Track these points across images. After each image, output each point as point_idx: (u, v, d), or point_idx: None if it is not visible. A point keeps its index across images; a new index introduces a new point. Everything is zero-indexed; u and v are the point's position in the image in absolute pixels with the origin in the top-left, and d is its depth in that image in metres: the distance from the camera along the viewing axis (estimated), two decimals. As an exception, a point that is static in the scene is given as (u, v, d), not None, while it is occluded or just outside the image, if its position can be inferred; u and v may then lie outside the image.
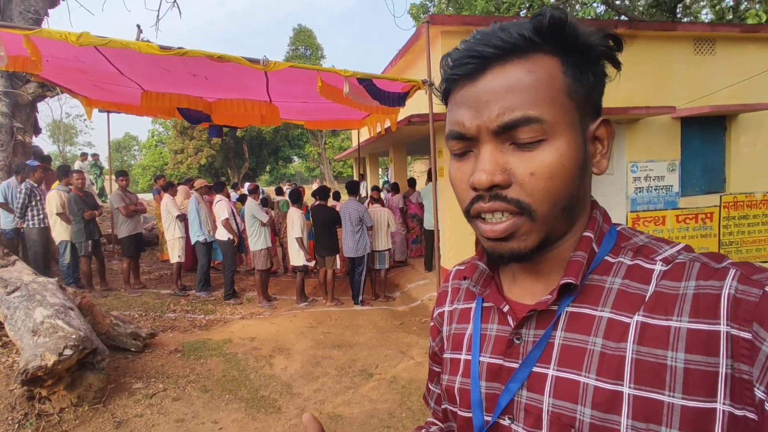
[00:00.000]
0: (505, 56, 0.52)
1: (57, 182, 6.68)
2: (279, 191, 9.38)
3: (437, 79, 0.61)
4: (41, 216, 6.23)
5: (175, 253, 6.90)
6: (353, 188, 6.73)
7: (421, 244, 9.12)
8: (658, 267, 0.53)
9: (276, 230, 8.22)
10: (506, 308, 0.61)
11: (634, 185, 6.95)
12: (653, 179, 7.01)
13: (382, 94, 5.06)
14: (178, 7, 7.59)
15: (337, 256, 6.80)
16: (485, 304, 0.66)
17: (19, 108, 7.13)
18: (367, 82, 4.88)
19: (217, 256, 7.62)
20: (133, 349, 4.51)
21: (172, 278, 7.17)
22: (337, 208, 7.20)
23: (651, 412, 0.48)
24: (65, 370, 3.20)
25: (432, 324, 0.79)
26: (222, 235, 6.67)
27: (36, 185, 6.21)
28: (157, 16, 7.72)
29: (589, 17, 11.47)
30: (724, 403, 0.45)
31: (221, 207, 6.66)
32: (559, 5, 0.52)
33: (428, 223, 7.85)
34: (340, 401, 3.88)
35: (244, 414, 3.63)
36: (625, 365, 0.50)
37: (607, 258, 0.57)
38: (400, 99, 5.31)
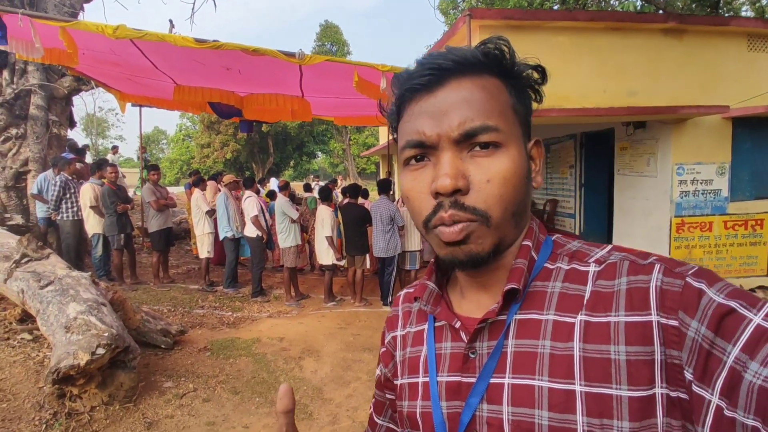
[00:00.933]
0: (461, 71, 0.57)
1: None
2: (307, 188, 9.29)
3: None
4: (75, 209, 6.27)
5: (204, 248, 6.88)
6: (385, 187, 6.57)
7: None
8: (592, 268, 0.57)
9: (304, 227, 8.12)
10: (458, 324, 0.62)
11: (680, 188, 6.57)
12: (700, 182, 6.62)
13: (419, 89, 4.88)
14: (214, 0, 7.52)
15: (367, 256, 6.66)
16: (437, 324, 0.67)
17: (54, 101, 7.21)
18: (404, 78, 4.70)
19: (245, 252, 7.57)
20: (163, 346, 4.45)
21: (200, 273, 7.16)
22: (367, 207, 7.06)
23: (603, 407, 0.50)
24: (97, 368, 3.13)
25: (384, 349, 0.78)
26: (250, 231, 6.61)
27: (70, 178, 6.25)
28: (192, 8, 7.67)
29: (629, 11, 11.01)
30: (661, 387, 0.48)
31: (250, 203, 6.59)
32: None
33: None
34: (373, 409, 3.73)
35: (275, 419, 3.51)
36: (575, 364, 0.52)
37: (546, 265, 0.60)
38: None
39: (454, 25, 6.24)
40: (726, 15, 13.73)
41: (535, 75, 0.61)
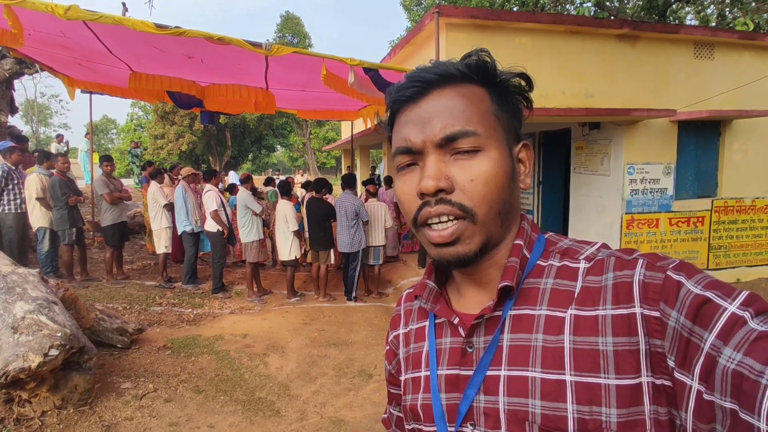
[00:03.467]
0: (443, 82, 0.61)
1: (35, 166, 6.31)
2: (268, 181, 9.10)
3: None
4: (18, 201, 5.86)
5: (161, 243, 6.61)
6: (349, 182, 6.54)
7: (414, 239, 8.99)
8: (582, 265, 0.60)
9: (265, 222, 7.96)
10: (456, 320, 0.65)
11: (630, 187, 6.92)
12: (649, 182, 7.00)
13: (387, 85, 4.87)
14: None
15: (332, 251, 6.61)
16: (438, 321, 0.70)
17: (-6, 85, 6.69)
18: (373, 73, 4.69)
19: (204, 247, 7.34)
20: (119, 346, 4.26)
21: (157, 269, 6.89)
22: (330, 201, 7.00)
23: (592, 395, 0.52)
24: (49, 371, 2.95)
25: (387, 348, 0.82)
26: (211, 226, 6.41)
27: (13, 167, 5.83)
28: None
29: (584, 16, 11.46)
30: (647, 376, 0.51)
31: (210, 197, 6.38)
32: (484, 58, 0.63)
33: (423, 219, 7.71)
34: (341, 404, 3.73)
35: (241, 417, 3.44)
36: (565, 355, 0.55)
37: (539, 262, 0.63)
38: (404, 91, 5.13)
39: (420, 22, 6.27)
40: (673, 23, 14.54)
41: (522, 83, 0.64)
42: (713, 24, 13.90)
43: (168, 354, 4.37)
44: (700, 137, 7.20)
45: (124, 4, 7.85)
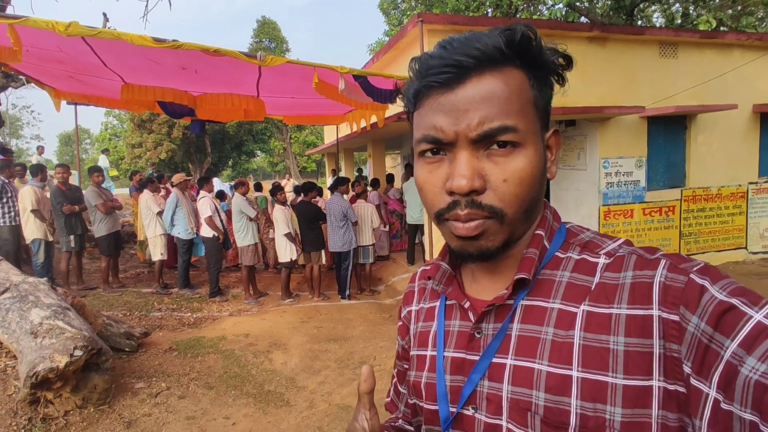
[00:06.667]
0: (482, 67, 0.55)
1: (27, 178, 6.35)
2: (258, 187, 9.25)
3: None
4: (12, 213, 5.91)
5: (156, 250, 6.72)
6: (337, 185, 6.77)
7: (402, 238, 9.26)
8: (602, 260, 0.58)
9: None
10: (467, 304, 0.65)
11: (606, 180, 7.32)
12: (623, 174, 7.41)
13: (375, 90, 5.13)
14: (167, -3, 7.23)
15: (323, 252, 6.82)
16: (448, 302, 0.70)
17: (-20, 99, 6.70)
18: (362, 79, 4.93)
19: (198, 251, 7.45)
20: (127, 349, 4.40)
21: (153, 276, 6.98)
22: (320, 204, 7.21)
23: (597, 393, 0.52)
24: (73, 371, 3.11)
25: (401, 323, 0.83)
26: (206, 231, 6.55)
27: (6, 181, 5.88)
28: (146, 6, 7.38)
29: (555, 18, 11.92)
30: (659, 380, 0.49)
31: (204, 204, 6.53)
32: (519, 25, 0.56)
33: (410, 218, 7.99)
34: (346, 393, 3.95)
35: (254, 408, 3.64)
36: (574, 351, 0.54)
37: (557, 254, 0.61)
38: (391, 96, 5.39)
39: (403, 28, 6.55)
40: (640, 21, 15.18)
41: (561, 61, 0.60)
42: (678, 21, 14.55)
43: (175, 355, 4.53)
44: (668, 131, 7.66)
45: (104, 15, 7.90)
